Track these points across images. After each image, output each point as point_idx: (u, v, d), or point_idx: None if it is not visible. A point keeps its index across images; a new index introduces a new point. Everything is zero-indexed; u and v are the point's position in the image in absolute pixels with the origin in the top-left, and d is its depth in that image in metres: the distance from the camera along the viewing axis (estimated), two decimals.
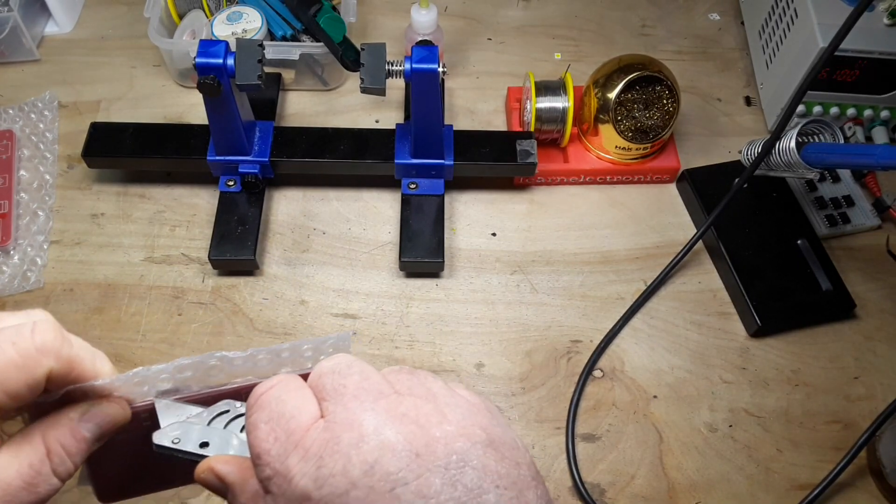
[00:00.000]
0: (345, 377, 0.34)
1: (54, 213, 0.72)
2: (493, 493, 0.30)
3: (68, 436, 0.33)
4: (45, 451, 0.32)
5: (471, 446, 0.31)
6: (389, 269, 0.70)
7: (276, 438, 0.32)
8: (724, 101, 0.83)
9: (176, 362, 0.35)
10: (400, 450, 0.30)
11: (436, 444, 0.31)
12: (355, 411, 0.32)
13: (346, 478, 0.30)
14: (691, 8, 0.91)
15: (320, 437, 0.32)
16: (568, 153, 0.76)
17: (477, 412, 0.33)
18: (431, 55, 0.62)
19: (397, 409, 0.32)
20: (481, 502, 0.30)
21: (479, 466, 0.31)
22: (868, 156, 0.57)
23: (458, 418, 0.32)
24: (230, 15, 0.76)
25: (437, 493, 0.30)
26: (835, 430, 0.63)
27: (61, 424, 0.33)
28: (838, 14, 0.65)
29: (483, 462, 0.31)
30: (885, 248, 0.72)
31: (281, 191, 0.74)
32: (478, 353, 0.66)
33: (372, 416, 0.32)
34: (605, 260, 0.71)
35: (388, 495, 0.30)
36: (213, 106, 0.64)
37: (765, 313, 0.66)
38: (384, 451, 0.30)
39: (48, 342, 0.32)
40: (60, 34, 0.85)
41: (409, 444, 0.31)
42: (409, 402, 0.33)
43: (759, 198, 0.72)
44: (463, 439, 0.31)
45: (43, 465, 0.32)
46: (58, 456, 0.33)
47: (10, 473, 0.31)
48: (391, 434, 0.31)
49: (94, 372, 0.34)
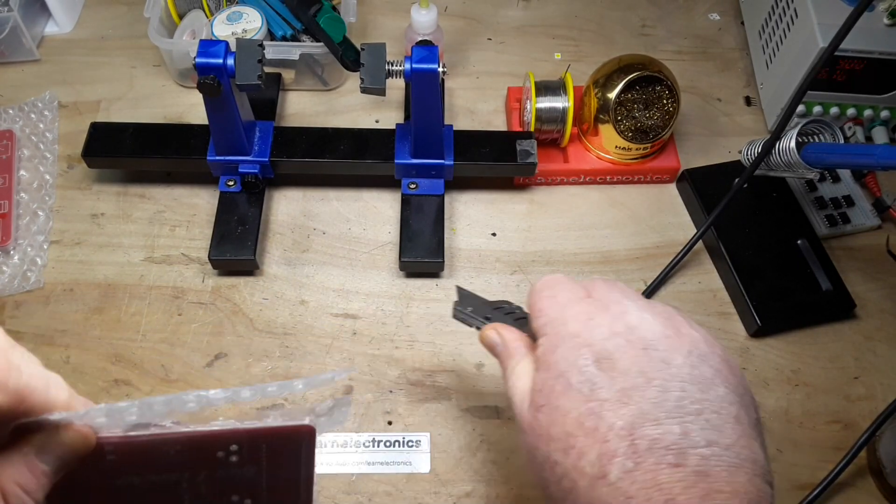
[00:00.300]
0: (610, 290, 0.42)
1: (54, 213, 0.72)
2: (722, 388, 0.36)
3: (25, 473, 0.31)
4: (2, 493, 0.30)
5: (710, 352, 0.38)
6: (389, 269, 0.70)
7: (556, 300, 0.42)
8: (724, 101, 0.83)
9: (145, 400, 0.33)
10: (656, 327, 0.38)
11: (683, 338, 0.38)
12: (621, 300, 0.41)
13: (610, 330, 0.39)
14: (691, 8, 0.91)
15: (592, 305, 0.41)
16: (568, 153, 0.76)
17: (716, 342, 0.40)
18: (431, 55, 0.62)
19: (654, 308, 0.40)
20: (713, 391, 0.36)
21: (714, 366, 0.37)
22: (868, 156, 0.57)
23: (703, 333, 0.40)
24: (230, 15, 0.76)
25: (678, 367, 0.36)
26: (835, 430, 0.63)
27: (16, 462, 0.31)
28: (838, 14, 0.65)
29: (718, 367, 0.37)
30: (885, 248, 0.72)
31: (281, 191, 0.74)
32: (478, 353, 0.66)
33: (635, 304, 0.40)
34: (605, 260, 0.71)
35: (640, 351, 0.37)
36: (213, 106, 0.64)
37: (765, 313, 0.66)
38: (643, 322, 0.39)
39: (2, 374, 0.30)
40: (60, 34, 0.85)
41: (663, 327, 0.39)
42: (659, 304, 0.41)
43: (759, 198, 0.72)
44: (704, 344, 0.38)
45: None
46: (16, 497, 0.30)
47: None
48: (649, 316, 0.39)
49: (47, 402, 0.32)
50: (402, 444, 0.61)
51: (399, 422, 0.62)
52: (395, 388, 0.64)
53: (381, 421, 0.62)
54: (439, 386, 0.64)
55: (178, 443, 0.35)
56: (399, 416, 0.62)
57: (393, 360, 0.65)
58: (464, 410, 0.63)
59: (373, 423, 0.62)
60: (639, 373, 0.37)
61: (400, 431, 0.61)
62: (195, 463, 0.35)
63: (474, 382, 0.64)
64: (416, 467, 0.60)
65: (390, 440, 0.61)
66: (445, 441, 0.61)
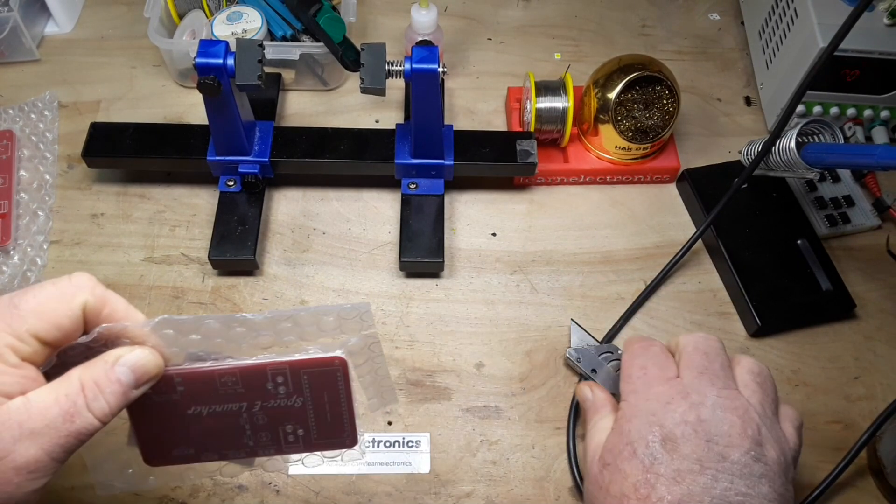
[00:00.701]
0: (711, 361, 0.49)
1: (54, 213, 0.72)
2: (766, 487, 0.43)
3: (102, 376, 0.36)
4: (80, 385, 0.35)
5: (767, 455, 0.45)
6: (389, 269, 0.70)
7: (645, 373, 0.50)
8: (724, 101, 0.83)
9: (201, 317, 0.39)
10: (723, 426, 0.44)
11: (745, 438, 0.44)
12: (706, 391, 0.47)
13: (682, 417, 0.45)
14: (691, 8, 0.91)
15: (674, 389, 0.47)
16: (568, 153, 0.76)
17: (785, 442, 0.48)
18: (431, 55, 0.62)
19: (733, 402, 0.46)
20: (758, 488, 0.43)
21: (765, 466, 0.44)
22: (868, 156, 0.57)
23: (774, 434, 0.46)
24: (230, 15, 0.76)
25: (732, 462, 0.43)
26: (835, 430, 0.63)
27: (96, 366, 0.36)
28: (838, 14, 0.65)
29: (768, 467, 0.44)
30: (885, 248, 0.72)
31: (281, 191, 0.74)
32: (478, 353, 0.66)
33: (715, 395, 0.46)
34: (605, 260, 0.72)
35: (703, 443, 0.44)
36: (213, 106, 0.64)
37: (765, 313, 0.66)
38: (714, 417, 0.45)
39: (83, 280, 0.38)
40: (60, 34, 0.85)
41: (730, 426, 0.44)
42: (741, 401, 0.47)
43: (759, 198, 0.72)
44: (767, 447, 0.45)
45: (78, 397, 0.35)
46: (91, 391, 0.35)
47: (47, 402, 0.34)
48: (721, 413, 0.45)
49: (126, 314, 0.39)
50: (402, 445, 0.61)
51: (399, 422, 0.62)
52: (395, 388, 0.64)
53: (380, 421, 0.62)
54: (439, 386, 0.64)
55: (232, 375, 0.39)
56: (399, 416, 0.62)
57: (393, 360, 0.65)
58: (464, 410, 0.63)
59: (373, 423, 0.62)
60: (696, 460, 0.43)
61: (400, 432, 0.61)
62: (250, 394, 0.39)
63: (474, 382, 0.64)
64: (416, 468, 0.60)
65: (390, 440, 0.61)
66: (445, 441, 0.61)
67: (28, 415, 0.34)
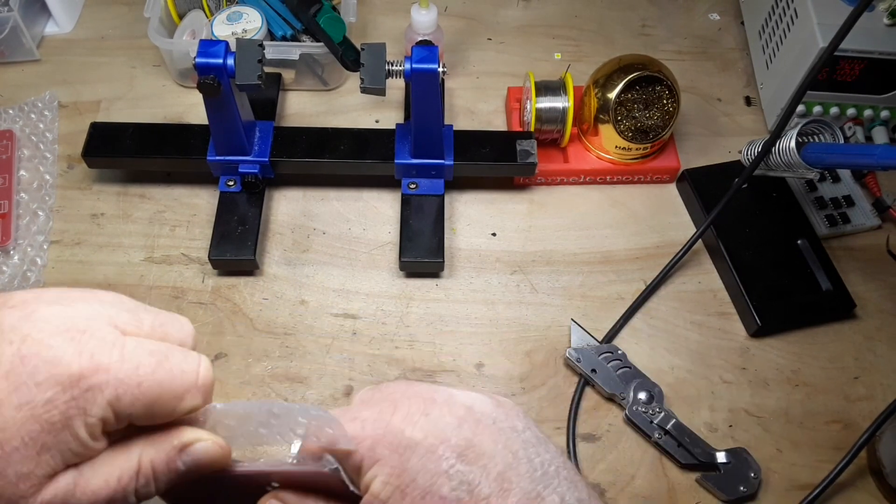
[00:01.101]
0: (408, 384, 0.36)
1: (54, 213, 0.72)
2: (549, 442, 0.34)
3: (163, 462, 0.32)
4: (136, 468, 0.31)
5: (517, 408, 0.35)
6: (389, 269, 0.70)
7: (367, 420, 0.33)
8: (724, 101, 0.83)
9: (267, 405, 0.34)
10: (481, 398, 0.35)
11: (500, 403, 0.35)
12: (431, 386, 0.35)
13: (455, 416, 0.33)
14: (691, 8, 0.91)
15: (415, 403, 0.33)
16: (568, 153, 0.76)
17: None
18: (431, 55, 0.62)
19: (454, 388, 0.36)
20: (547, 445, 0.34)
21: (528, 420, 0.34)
22: (868, 156, 0.57)
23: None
24: (230, 15, 0.76)
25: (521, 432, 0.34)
26: (835, 430, 0.63)
27: (161, 447, 0.32)
28: (838, 14, 0.65)
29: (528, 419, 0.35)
30: (886, 248, 0.72)
31: (281, 191, 0.74)
32: (478, 353, 0.66)
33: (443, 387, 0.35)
34: (605, 260, 0.71)
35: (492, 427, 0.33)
36: (213, 106, 0.64)
37: (765, 313, 0.66)
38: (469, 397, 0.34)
39: (207, 383, 0.32)
40: (60, 34, 0.85)
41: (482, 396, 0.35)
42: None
43: (759, 198, 0.72)
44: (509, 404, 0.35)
45: (130, 482, 0.31)
46: (145, 478, 0.32)
47: (98, 484, 0.31)
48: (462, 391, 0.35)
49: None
50: None
51: None
52: None
53: None
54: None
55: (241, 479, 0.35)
56: None
57: (393, 360, 0.65)
58: None
59: None
60: (504, 449, 0.33)
61: None
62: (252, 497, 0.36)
63: (474, 382, 0.64)
64: None
65: None
66: None
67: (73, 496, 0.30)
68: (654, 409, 0.62)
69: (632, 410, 0.62)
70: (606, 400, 0.64)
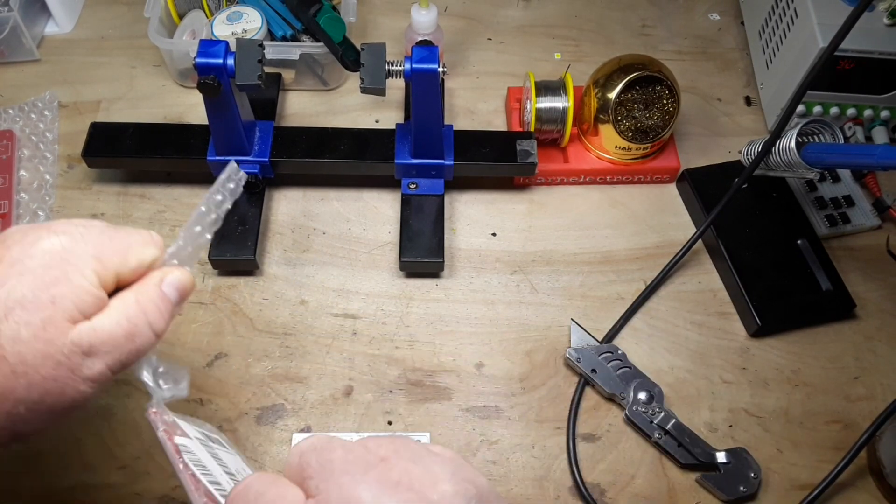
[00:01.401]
0: (329, 452, 0.33)
1: (54, 213, 0.72)
2: None
3: (156, 295, 0.39)
4: (138, 308, 0.38)
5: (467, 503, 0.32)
6: (389, 269, 0.70)
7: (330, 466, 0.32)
8: (724, 101, 0.83)
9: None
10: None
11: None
12: (349, 487, 0.31)
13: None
14: (691, 8, 0.91)
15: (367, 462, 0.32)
16: (568, 153, 0.76)
17: (459, 466, 0.34)
18: (431, 55, 0.62)
19: (389, 477, 0.31)
20: None
21: None
22: (868, 156, 0.57)
23: (448, 476, 0.32)
24: (230, 15, 0.76)
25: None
26: (835, 430, 0.63)
27: (148, 288, 0.40)
28: (838, 14, 0.65)
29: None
30: (886, 248, 0.72)
31: (281, 191, 0.74)
32: (478, 353, 0.66)
33: (366, 488, 0.31)
34: (605, 260, 0.71)
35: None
36: (213, 106, 0.64)
37: (765, 313, 0.66)
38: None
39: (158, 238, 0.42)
40: (60, 34, 0.85)
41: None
42: (399, 467, 0.32)
43: (759, 198, 0.72)
44: (459, 498, 0.32)
45: (139, 318, 0.38)
46: (150, 313, 0.39)
47: (112, 326, 0.37)
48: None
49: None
50: None
51: (399, 422, 0.62)
52: (395, 388, 0.64)
53: (381, 421, 0.62)
54: (439, 386, 0.64)
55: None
56: (399, 416, 0.62)
57: (393, 360, 0.65)
58: (464, 410, 0.63)
59: (373, 423, 0.62)
60: None
61: (400, 431, 0.61)
62: None
63: (474, 382, 0.64)
64: None
65: None
66: (445, 441, 0.61)
67: (96, 338, 0.36)
68: (654, 409, 0.62)
69: (632, 410, 0.62)
70: (606, 400, 0.64)
